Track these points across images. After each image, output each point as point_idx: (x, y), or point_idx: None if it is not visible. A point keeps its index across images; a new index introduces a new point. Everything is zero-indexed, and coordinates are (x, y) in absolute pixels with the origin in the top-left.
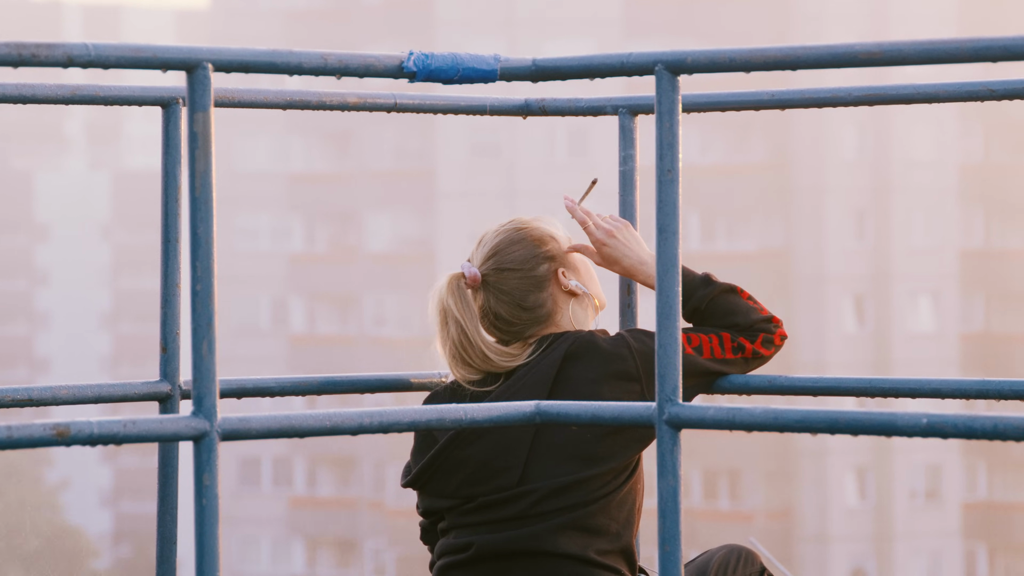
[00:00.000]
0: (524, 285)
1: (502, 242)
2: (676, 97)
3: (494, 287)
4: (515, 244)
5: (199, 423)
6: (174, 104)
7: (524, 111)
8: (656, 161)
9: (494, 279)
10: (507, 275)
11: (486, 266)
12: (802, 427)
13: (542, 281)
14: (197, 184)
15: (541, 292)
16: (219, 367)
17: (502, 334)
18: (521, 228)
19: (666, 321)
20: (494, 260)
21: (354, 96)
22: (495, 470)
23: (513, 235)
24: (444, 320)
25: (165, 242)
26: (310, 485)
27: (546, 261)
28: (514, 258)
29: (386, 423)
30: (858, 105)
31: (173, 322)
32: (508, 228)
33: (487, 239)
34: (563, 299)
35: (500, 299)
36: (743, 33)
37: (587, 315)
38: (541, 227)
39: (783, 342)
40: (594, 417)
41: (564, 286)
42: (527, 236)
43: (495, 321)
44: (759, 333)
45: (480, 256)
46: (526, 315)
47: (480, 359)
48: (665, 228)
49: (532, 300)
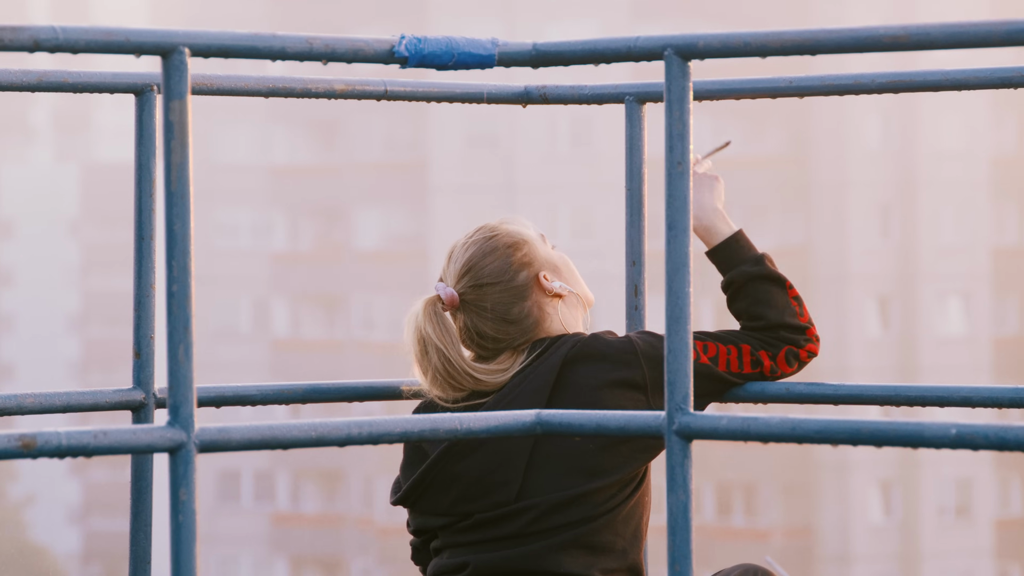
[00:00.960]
0: (506, 298)
1: (474, 255)
2: (687, 84)
3: (474, 305)
4: (488, 255)
5: (175, 434)
6: (148, 91)
7: (524, 99)
8: (665, 153)
9: (472, 297)
10: (486, 290)
11: (462, 284)
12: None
13: (524, 289)
14: (173, 177)
15: (525, 301)
16: (197, 374)
17: (487, 351)
18: (491, 236)
19: (676, 324)
20: (469, 276)
21: (341, 83)
22: (492, 485)
23: (484, 245)
24: (423, 349)
25: (138, 240)
26: (294, 501)
27: (524, 267)
28: (491, 270)
29: (376, 434)
30: (883, 93)
31: (147, 325)
32: (477, 238)
33: (456, 254)
34: (549, 303)
35: (482, 316)
36: (758, 16)
37: (576, 315)
38: (511, 230)
39: (810, 359)
40: (599, 427)
41: (548, 290)
42: (499, 243)
43: (479, 340)
44: (784, 345)
45: (453, 274)
46: (513, 328)
47: (469, 381)
48: (675, 224)
49: (517, 311)
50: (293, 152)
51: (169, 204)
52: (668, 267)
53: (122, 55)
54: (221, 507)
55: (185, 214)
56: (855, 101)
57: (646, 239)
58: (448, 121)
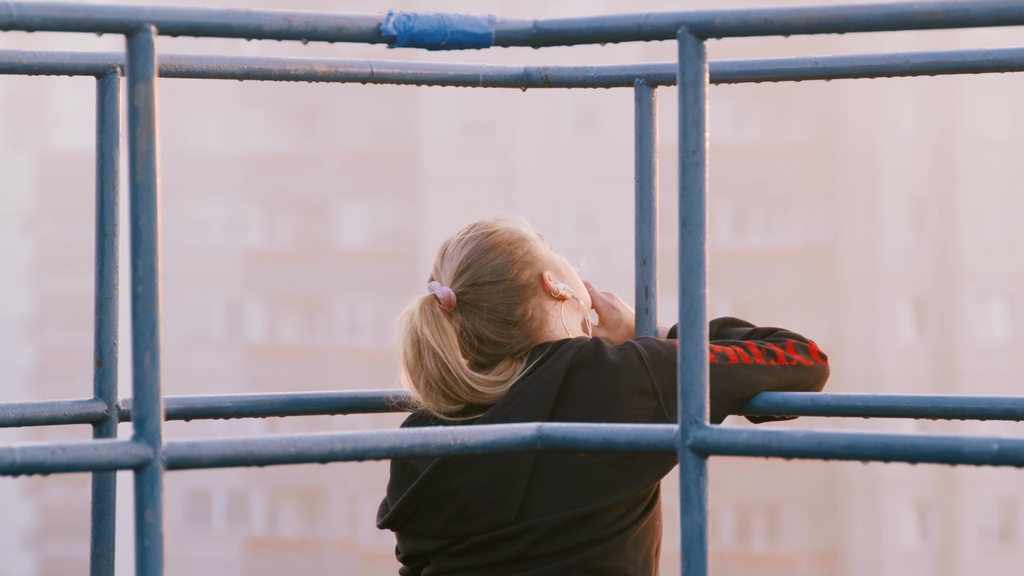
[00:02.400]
0: (509, 297)
1: (472, 252)
2: (702, 65)
3: (472, 306)
4: (488, 252)
5: (141, 449)
6: (111, 73)
7: (523, 82)
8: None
9: (471, 296)
10: (486, 289)
11: (459, 283)
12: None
13: (527, 289)
14: (138, 168)
15: (527, 302)
16: (164, 384)
17: (486, 357)
18: (489, 232)
19: (690, 329)
20: (468, 275)
21: (323, 64)
22: (489, 504)
23: (483, 241)
24: (418, 353)
25: (100, 236)
26: (270, 523)
27: (527, 266)
28: (492, 268)
29: (361, 449)
30: (917, 74)
31: (110, 330)
32: (475, 235)
33: (451, 251)
34: (552, 306)
35: (481, 318)
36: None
37: (578, 320)
38: (510, 227)
39: (824, 360)
40: (606, 442)
41: (552, 291)
42: (499, 240)
43: (478, 344)
44: (786, 339)
45: (449, 272)
46: (515, 331)
47: (466, 392)
48: (689, 220)
49: (519, 312)
50: (270, 140)
51: (134, 197)
52: (681, 266)
53: (82, 33)
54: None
55: (151, 208)
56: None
57: (657, 235)
58: (440, 106)
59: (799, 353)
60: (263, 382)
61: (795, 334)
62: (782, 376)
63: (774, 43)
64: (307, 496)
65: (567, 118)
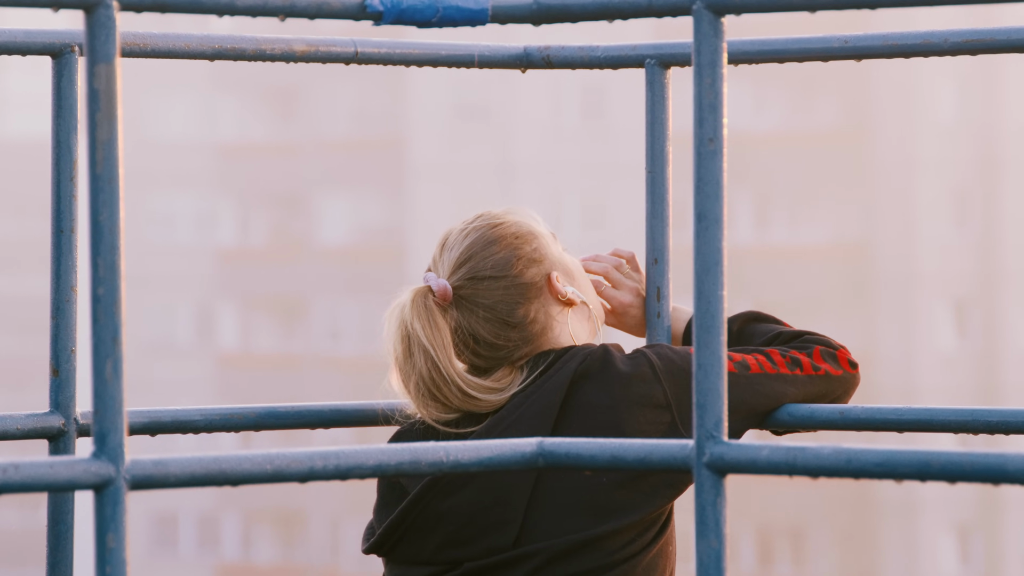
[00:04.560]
0: (510, 296)
1: (475, 243)
2: (720, 44)
3: (469, 302)
4: (492, 245)
5: (101, 467)
6: (68, 53)
7: (523, 63)
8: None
9: (469, 292)
10: (486, 285)
11: (457, 276)
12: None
13: (531, 289)
14: (99, 157)
15: (531, 303)
16: (127, 395)
17: (482, 360)
18: (496, 224)
19: (707, 335)
20: (467, 267)
21: (302, 43)
22: (485, 527)
23: (488, 233)
24: (408, 350)
25: (56, 233)
26: (244, 548)
27: (534, 264)
28: (494, 262)
29: (344, 467)
30: (958, 54)
31: (67, 336)
32: (479, 225)
33: (453, 241)
34: (558, 310)
35: (478, 316)
36: None
37: (587, 329)
38: (520, 220)
39: (854, 369)
40: (614, 458)
41: (560, 294)
42: (505, 233)
43: (473, 346)
44: (814, 345)
45: (447, 264)
46: (515, 334)
47: (458, 397)
48: (706, 214)
49: (521, 314)
50: (243, 127)
51: (94, 189)
52: (697, 265)
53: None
54: (156, 556)
55: (113, 201)
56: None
57: (671, 231)
58: (431, 90)
59: (827, 361)
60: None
61: (823, 339)
62: (808, 387)
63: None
64: (284, 519)
65: (571, 102)
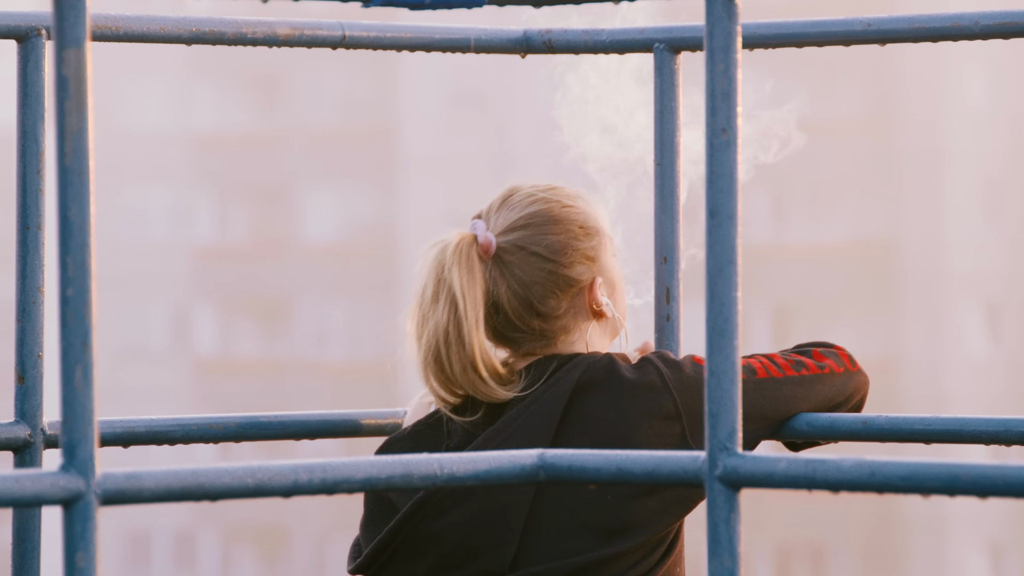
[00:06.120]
0: (549, 282)
1: (538, 214)
2: (734, 27)
3: (507, 268)
4: (554, 224)
5: (70, 481)
6: (34, 37)
7: (523, 48)
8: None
9: (512, 259)
10: (531, 261)
11: (506, 238)
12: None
13: (572, 285)
14: (68, 148)
15: (565, 299)
16: (98, 403)
17: (494, 336)
18: (567, 205)
19: (720, 339)
20: (520, 235)
21: (286, 26)
22: (479, 549)
23: (555, 210)
24: (436, 294)
25: (22, 230)
26: (223, 568)
27: (585, 262)
28: (549, 243)
29: (331, 481)
30: (989, 38)
31: (33, 341)
32: (549, 198)
33: (516, 201)
34: (585, 316)
35: (510, 288)
36: None
37: (603, 345)
38: (590, 212)
39: (856, 366)
40: (620, 472)
41: (596, 302)
42: (572, 218)
43: (492, 314)
44: (810, 347)
45: (502, 221)
46: (536, 323)
47: (462, 369)
48: (718, 210)
49: (551, 305)
50: (223, 116)
51: (63, 183)
52: (709, 265)
53: None
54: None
55: (83, 196)
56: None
57: (680, 229)
58: (424, 77)
59: (829, 358)
60: (214, 401)
61: (817, 341)
62: (817, 387)
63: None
64: (266, 537)
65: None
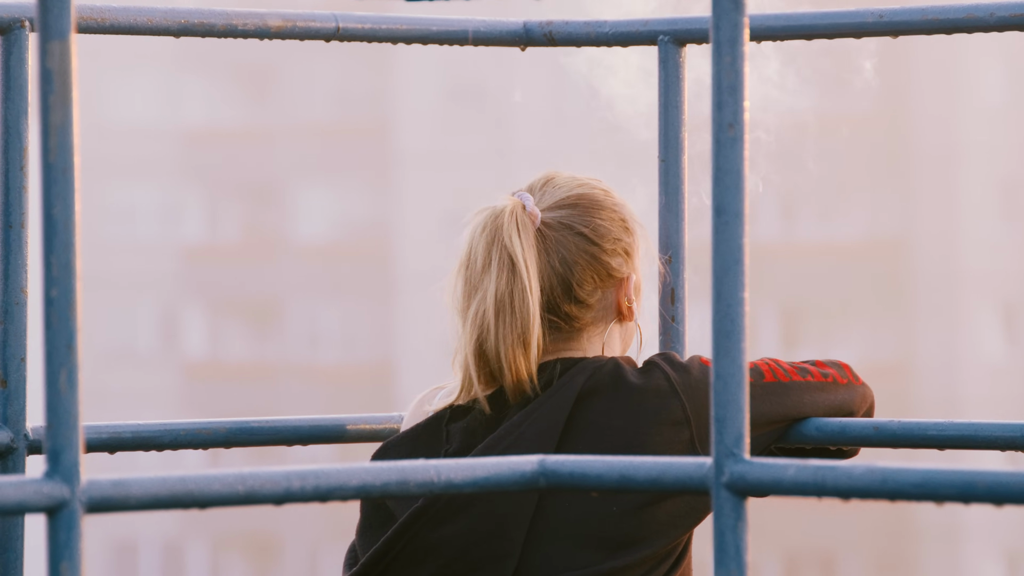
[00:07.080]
0: (589, 267)
1: (586, 197)
2: (741, 19)
3: (548, 243)
4: (602, 210)
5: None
6: (17, 28)
7: (523, 40)
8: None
9: (554, 235)
10: (575, 240)
11: (552, 214)
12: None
13: (610, 276)
14: (52, 144)
15: (600, 289)
16: (84, 408)
17: None
18: (611, 195)
19: (727, 341)
20: (567, 212)
21: (278, 18)
22: (479, 561)
23: (602, 198)
24: (487, 260)
25: (5, 228)
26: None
27: (625, 256)
28: (595, 225)
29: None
30: (1006, 30)
31: (16, 343)
32: (596, 187)
33: (562, 182)
34: (612, 314)
35: (547, 264)
36: None
37: (618, 351)
38: (628, 207)
39: (858, 379)
40: (623, 478)
41: (628, 298)
42: (618, 210)
43: None
44: (812, 360)
45: (548, 197)
46: (564, 308)
47: (512, 344)
48: (725, 208)
49: (586, 291)
50: (212, 111)
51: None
52: (716, 265)
53: None
54: None
55: (68, 193)
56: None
57: (686, 227)
58: (420, 70)
59: (832, 368)
60: (204, 406)
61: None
62: (823, 394)
63: None
64: (257, 546)
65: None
